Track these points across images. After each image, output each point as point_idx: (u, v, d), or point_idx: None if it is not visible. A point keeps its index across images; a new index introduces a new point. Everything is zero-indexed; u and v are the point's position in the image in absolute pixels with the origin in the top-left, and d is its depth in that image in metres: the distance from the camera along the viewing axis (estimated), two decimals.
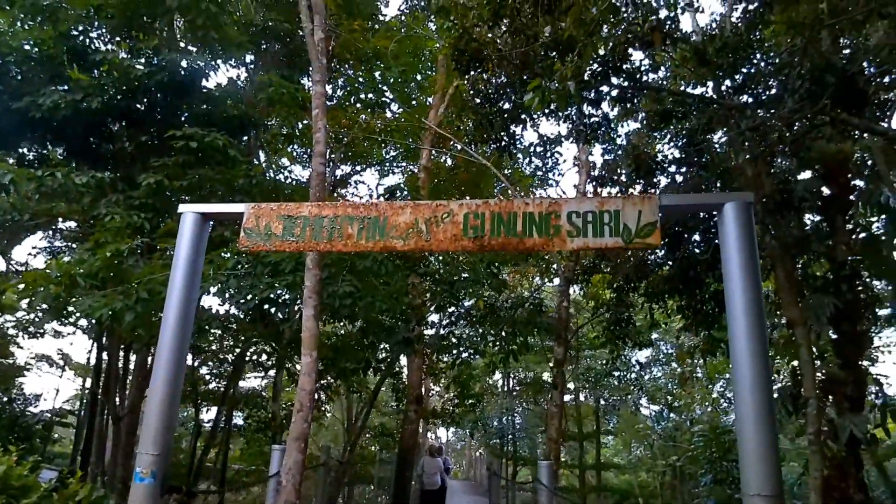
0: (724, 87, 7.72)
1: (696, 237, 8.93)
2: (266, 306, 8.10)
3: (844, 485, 6.90)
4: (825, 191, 7.43)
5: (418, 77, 13.90)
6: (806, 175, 7.55)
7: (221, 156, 8.42)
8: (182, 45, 10.50)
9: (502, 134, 8.46)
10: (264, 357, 12.05)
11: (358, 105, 13.13)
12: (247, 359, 13.04)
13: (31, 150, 10.16)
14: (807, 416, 6.85)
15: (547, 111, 7.78)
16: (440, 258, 10.90)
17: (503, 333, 9.61)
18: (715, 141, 8.39)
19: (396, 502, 10.90)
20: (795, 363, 7.44)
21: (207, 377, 15.11)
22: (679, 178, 8.68)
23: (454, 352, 10.84)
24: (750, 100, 7.66)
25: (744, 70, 7.47)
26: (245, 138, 10.44)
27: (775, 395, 5.69)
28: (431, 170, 11.08)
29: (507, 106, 8.22)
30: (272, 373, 17.21)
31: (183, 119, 9.61)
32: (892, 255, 7.14)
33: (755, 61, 7.50)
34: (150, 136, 9.46)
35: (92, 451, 12.75)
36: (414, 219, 2.79)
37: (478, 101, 8.47)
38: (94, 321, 9.65)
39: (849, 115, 6.23)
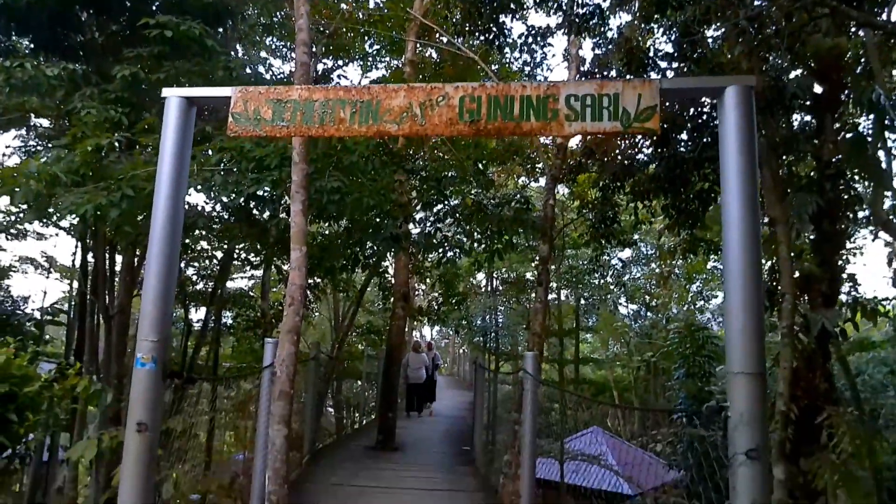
0: None
1: (684, 136, 8.90)
2: (252, 203, 8.02)
3: (812, 375, 7.29)
4: (817, 89, 7.36)
5: None
6: (799, 74, 7.44)
7: (198, 46, 8.03)
8: None
9: (490, 25, 8.16)
10: (252, 255, 12.09)
11: None
12: (235, 256, 13.10)
13: None
14: (781, 310, 7.12)
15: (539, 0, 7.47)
16: (427, 156, 10.77)
17: (489, 232, 9.66)
18: (709, 35, 8.17)
19: (384, 394, 11.35)
20: (774, 260, 7.65)
21: (195, 278, 15.22)
22: (671, 74, 8.52)
23: (440, 250, 10.94)
24: None
25: None
26: (221, 29, 9.95)
27: None
28: (417, 64, 10.71)
29: None
30: (259, 273, 17.39)
31: (155, 7, 9.09)
32: (878, 154, 7.18)
33: None
34: (121, 27, 8.97)
35: (85, 350, 12.97)
36: (408, 102, 2.71)
37: None
38: (77, 221, 9.54)
39: (849, 7, 6.05)
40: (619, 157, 9.37)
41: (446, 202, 9.61)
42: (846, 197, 7.41)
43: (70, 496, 13.26)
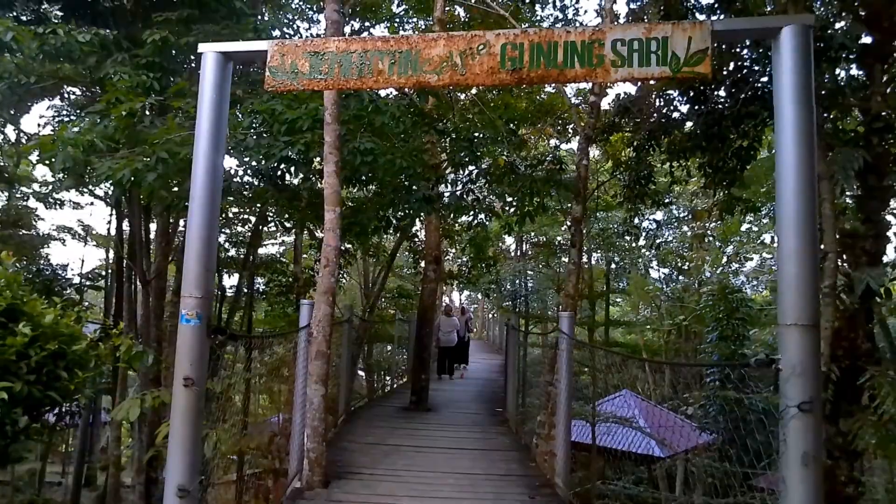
0: None
1: (721, 92, 8.63)
2: (284, 166, 8.02)
3: (854, 335, 7.13)
4: (866, 39, 7.05)
5: None
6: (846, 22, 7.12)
7: (226, 9, 7.99)
8: None
9: None
10: (285, 218, 12.18)
11: None
12: (268, 219, 13.20)
13: (25, 10, 9.69)
14: (823, 269, 6.95)
15: None
16: (455, 117, 10.62)
17: (521, 193, 9.55)
18: None
19: (417, 356, 11.45)
20: (816, 218, 7.44)
21: (227, 245, 15.43)
22: None
23: (471, 213, 10.88)
24: None
25: None
26: None
27: None
28: (445, 23, 10.49)
29: None
30: (290, 240, 17.54)
31: None
32: None
33: None
34: None
35: (123, 315, 13.31)
36: (448, 52, 2.63)
37: None
38: (112, 188, 9.65)
39: None
40: (655, 115, 9.14)
41: (478, 163, 9.48)
42: (894, 151, 7.16)
43: (114, 455, 13.80)
